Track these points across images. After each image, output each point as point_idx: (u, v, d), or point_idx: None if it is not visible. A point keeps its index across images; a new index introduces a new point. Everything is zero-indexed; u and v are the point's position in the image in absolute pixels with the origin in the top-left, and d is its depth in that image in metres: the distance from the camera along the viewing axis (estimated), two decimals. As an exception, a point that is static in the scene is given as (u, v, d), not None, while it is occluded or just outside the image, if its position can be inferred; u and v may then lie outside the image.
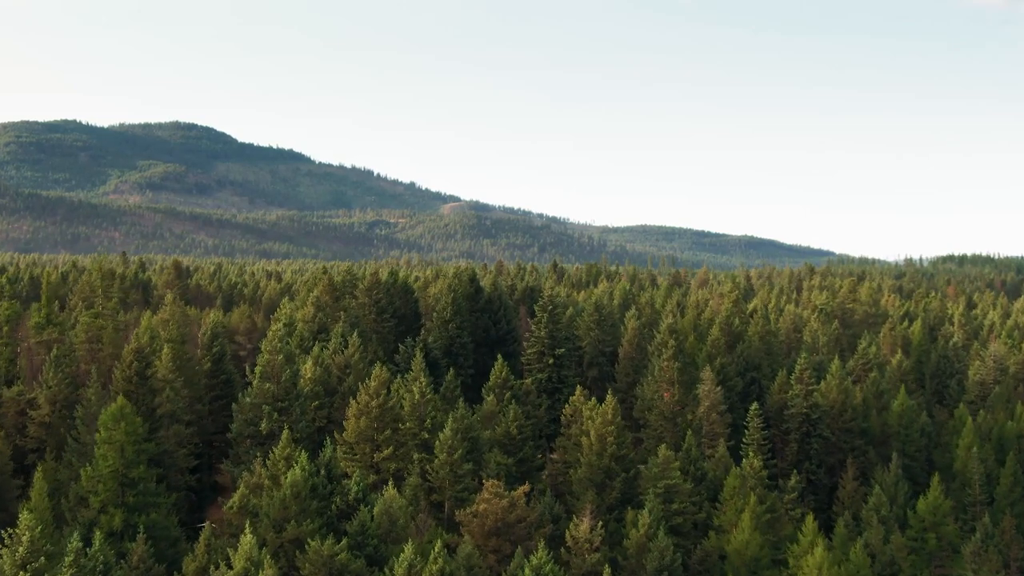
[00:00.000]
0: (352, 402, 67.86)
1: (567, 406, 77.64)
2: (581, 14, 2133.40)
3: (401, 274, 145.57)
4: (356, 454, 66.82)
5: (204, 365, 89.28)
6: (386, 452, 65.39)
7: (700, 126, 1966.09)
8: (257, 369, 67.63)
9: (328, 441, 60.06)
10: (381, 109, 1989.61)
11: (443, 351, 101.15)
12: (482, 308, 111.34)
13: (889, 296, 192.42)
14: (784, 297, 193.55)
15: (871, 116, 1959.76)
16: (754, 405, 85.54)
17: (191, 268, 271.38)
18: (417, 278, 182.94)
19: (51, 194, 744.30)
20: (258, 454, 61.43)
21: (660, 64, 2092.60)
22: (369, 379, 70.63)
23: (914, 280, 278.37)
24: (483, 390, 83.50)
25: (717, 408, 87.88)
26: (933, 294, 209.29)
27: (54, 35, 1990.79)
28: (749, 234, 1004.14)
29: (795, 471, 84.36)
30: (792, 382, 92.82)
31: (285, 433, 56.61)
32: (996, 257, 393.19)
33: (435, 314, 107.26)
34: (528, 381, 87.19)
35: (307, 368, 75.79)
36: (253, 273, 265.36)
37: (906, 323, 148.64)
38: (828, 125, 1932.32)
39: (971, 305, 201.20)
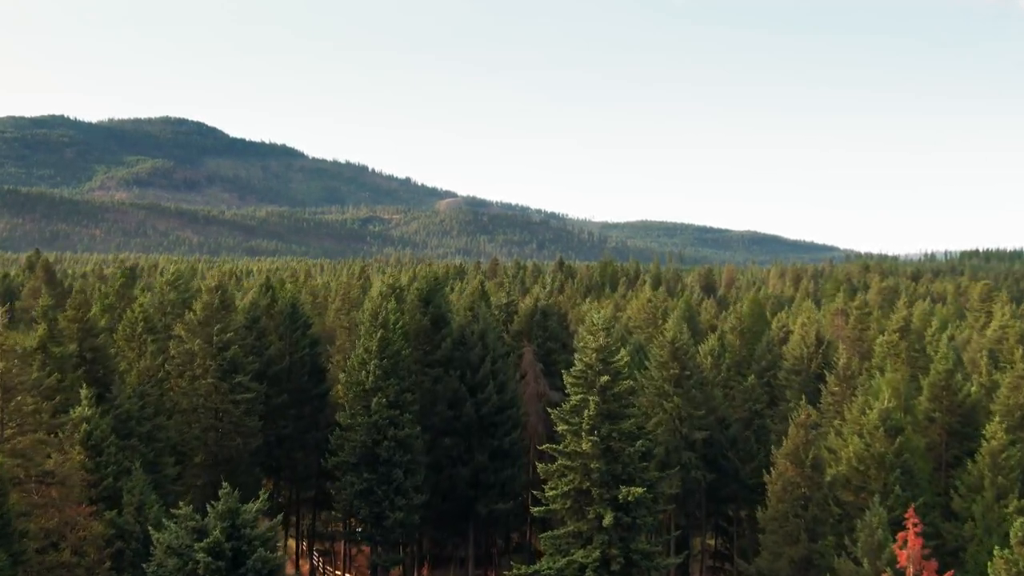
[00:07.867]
0: None
1: None
2: (579, 14, 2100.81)
3: (379, 279, 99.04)
4: None
5: None
6: None
7: (700, 124, 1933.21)
8: None
9: None
10: (376, 105, 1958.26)
11: (359, 459, 48.80)
12: (447, 358, 56.04)
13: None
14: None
15: (872, 113, 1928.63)
16: None
17: (141, 268, 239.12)
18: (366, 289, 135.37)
19: (31, 190, 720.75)
20: None
21: (660, 64, 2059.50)
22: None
23: (976, 280, 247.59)
24: None
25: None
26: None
27: (44, 32, 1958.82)
28: (752, 230, 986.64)
29: None
30: None
31: None
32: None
33: (343, 375, 54.28)
34: None
35: None
36: (207, 274, 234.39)
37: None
38: (829, 123, 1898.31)
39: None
